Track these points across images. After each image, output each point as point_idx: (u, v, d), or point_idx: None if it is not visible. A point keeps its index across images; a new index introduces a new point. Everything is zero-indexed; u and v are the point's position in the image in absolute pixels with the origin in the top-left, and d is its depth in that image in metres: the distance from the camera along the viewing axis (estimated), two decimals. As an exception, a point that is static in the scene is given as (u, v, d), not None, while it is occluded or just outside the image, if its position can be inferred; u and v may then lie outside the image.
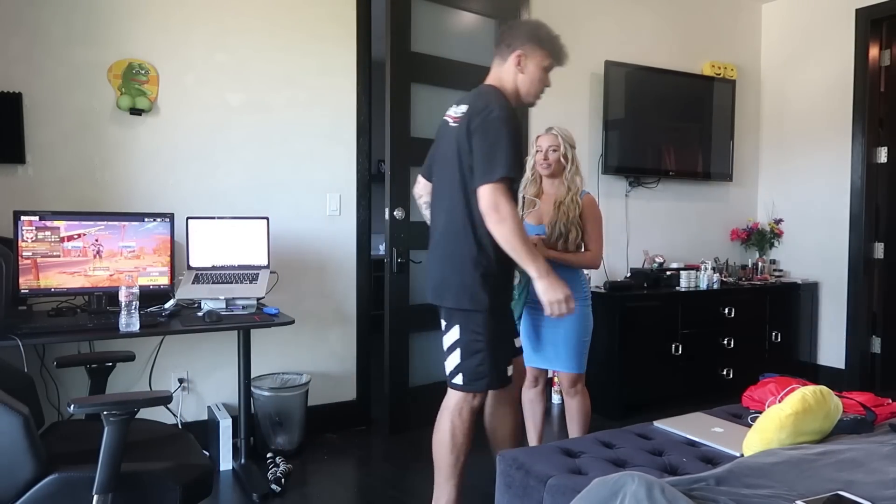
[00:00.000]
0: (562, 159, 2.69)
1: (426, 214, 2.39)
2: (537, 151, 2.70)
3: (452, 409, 2.16)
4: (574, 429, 2.68)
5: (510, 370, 2.21)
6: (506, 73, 2.21)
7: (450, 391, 2.19)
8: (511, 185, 2.04)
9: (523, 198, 2.73)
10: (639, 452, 1.90)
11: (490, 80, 2.24)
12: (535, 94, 2.24)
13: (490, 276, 2.09)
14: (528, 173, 2.77)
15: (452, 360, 2.15)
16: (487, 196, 1.96)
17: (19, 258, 2.49)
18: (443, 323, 2.19)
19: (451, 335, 2.15)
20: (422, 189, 2.40)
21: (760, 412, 1.94)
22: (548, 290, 2.04)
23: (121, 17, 2.88)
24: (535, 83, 2.22)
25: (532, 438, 2.81)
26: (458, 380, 2.14)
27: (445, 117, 2.25)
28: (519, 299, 2.65)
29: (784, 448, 1.73)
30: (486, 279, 2.08)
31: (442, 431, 2.17)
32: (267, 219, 2.94)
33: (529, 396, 2.80)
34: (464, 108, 2.13)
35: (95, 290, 2.63)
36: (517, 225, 1.98)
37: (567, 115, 4.01)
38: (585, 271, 2.76)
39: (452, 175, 2.11)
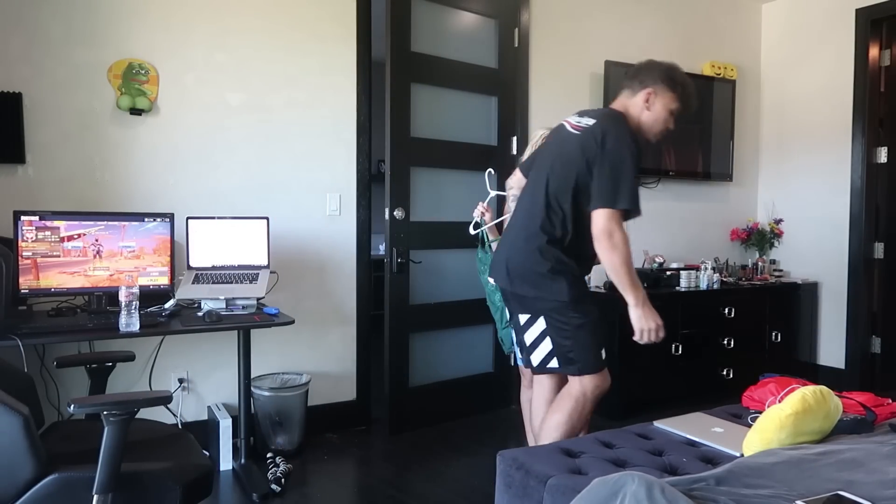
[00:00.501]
0: None
1: (511, 206, 2.51)
2: None
3: (576, 395, 2.26)
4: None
5: (603, 353, 2.29)
6: (633, 106, 2.28)
7: (570, 380, 2.28)
8: (627, 216, 2.14)
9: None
10: (639, 452, 1.90)
11: (617, 106, 2.31)
12: (655, 134, 2.31)
13: (567, 271, 2.21)
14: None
15: (544, 349, 2.26)
16: (604, 221, 2.09)
17: (19, 258, 2.49)
18: (522, 318, 2.30)
19: (537, 327, 2.26)
20: (514, 182, 2.55)
21: (760, 412, 1.94)
22: (641, 319, 2.20)
23: (121, 16, 2.88)
24: (658, 123, 2.29)
25: (531, 439, 2.81)
26: (555, 363, 2.26)
27: (563, 122, 2.34)
28: (501, 323, 2.82)
29: (784, 448, 1.73)
30: (558, 273, 2.19)
31: (557, 416, 2.27)
32: (267, 219, 2.94)
33: (528, 397, 2.80)
34: (589, 121, 2.22)
35: (95, 290, 2.63)
36: (628, 255, 2.11)
37: (567, 115, 4.00)
38: None
39: (550, 174, 2.21)
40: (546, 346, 2.26)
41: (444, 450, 3.24)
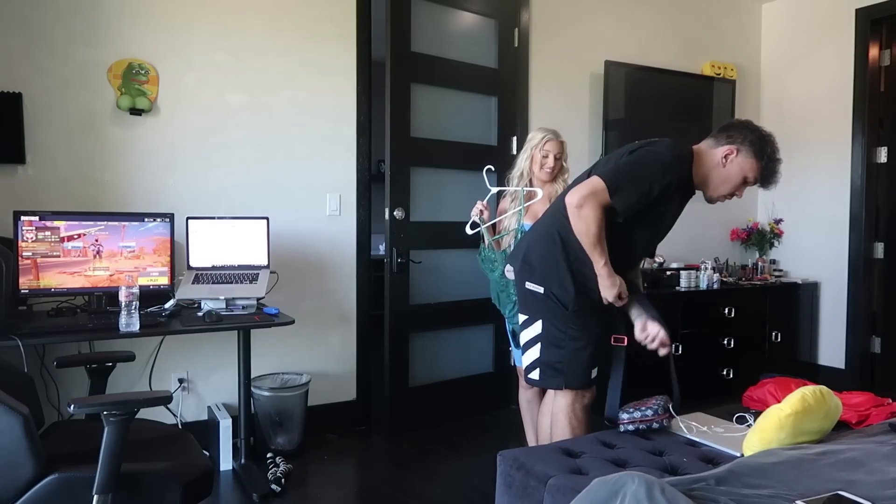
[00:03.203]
0: (564, 164, 2.81)
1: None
2: (544, 156, 2.72)
3: (567, 412, 2.19)
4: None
5: (594, 373, 2.23)
6: (709, 156, 2.14)
7: (555, 396, 2.23)
8: (610, 211, 2.04)
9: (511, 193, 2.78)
10: (639, 452, 1.90)
11: (695, 147, 2.19)
12: (719, 195, 2.19)
13: (582, 276, 2.11)
14: (519, 171, 2.79)
15: (531, 355, 2.19)
16: (586, 190, 2.00)
17: (19, 258, 2.49)
18: (521, 317, 2.24)
19: (533, 329, 2.19)
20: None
21: (760, 412, 1.94)
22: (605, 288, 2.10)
23: (121, 17, 2.88)
24: (727, 185, 2.15)
25: (531, 439, 2.82)
26: (536, 374, 2.19)
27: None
28: (509, 304, 2.74)
29: (784, 448, 1.73)
30: (577, 275, 2.11)
31: (560, 436, 2.18)
32: (267, 219, 2.94)
33: (527, 397, 2.80)
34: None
35: (95, 290, 2.63)
36: (599, 225, 2.01)
37: (567, 115, 4.01)
38: None
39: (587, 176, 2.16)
40: (534, 353, 2.18)
41: (444, 450, 3.24)
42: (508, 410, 3.78)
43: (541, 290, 2.15)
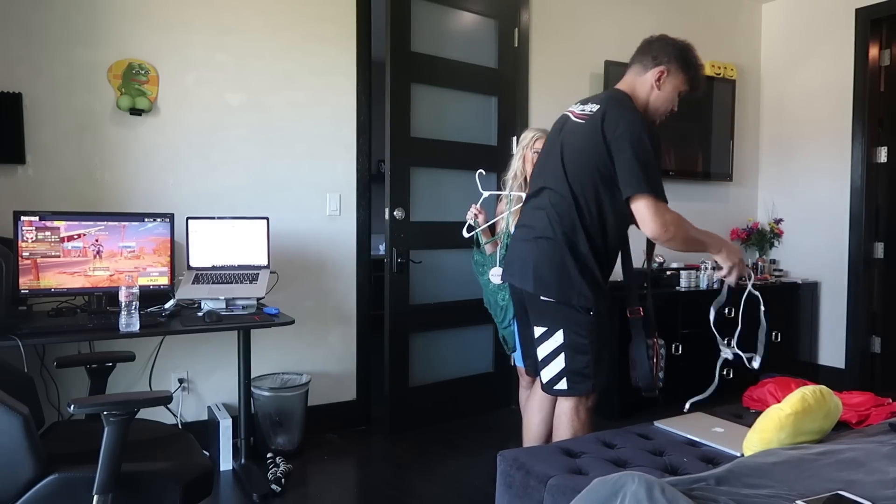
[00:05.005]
0: None
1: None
2: (535, 153, 2.71)
3: (570, 415, 2.16)
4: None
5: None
6: (641, 84, 2.15)
7: (558, 399, 2.20)
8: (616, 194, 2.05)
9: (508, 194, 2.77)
10: (639, 452, 1.90)
11: (623, 86, 2.18)
12: (660, 115, 2.20)
13: (594, 276, 2.09)
14: (513, 172, 2.78)
15: (555, 367, 2.11)
16: (652, 213, 1.98)
17: (19, 258, 2.49)
18: (538, 330, 2.14)
19: (554, 340, 2.10)
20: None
21: (761, 412, 1.94)
22: (726, 259, 2.25)
23: (121, 17, 2.88)
24: (666, 104, 2.18)
25: (527, 440, 2.81)
26: (563, 384, 2.11)
27: (567, 112, 2.24)
28: (507, 305, 2.72)
29: (784, 448, 1.73)
30: (589, 278, 2.08)
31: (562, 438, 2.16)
32: (267, 219, 2.94)
33: (527, 397, 2.80)
34: (594, 107, 2.10)
35: (95, 291, 2.63)
36: (686, 232, 2.06)
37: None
38: None
39: (565, 168, 2.08)
40: (558, 363, 2.11)
41: (444, 450, 3.24)
42: (508, 410, 3.78)
43: (560, 301, 2.08)
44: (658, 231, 1.99)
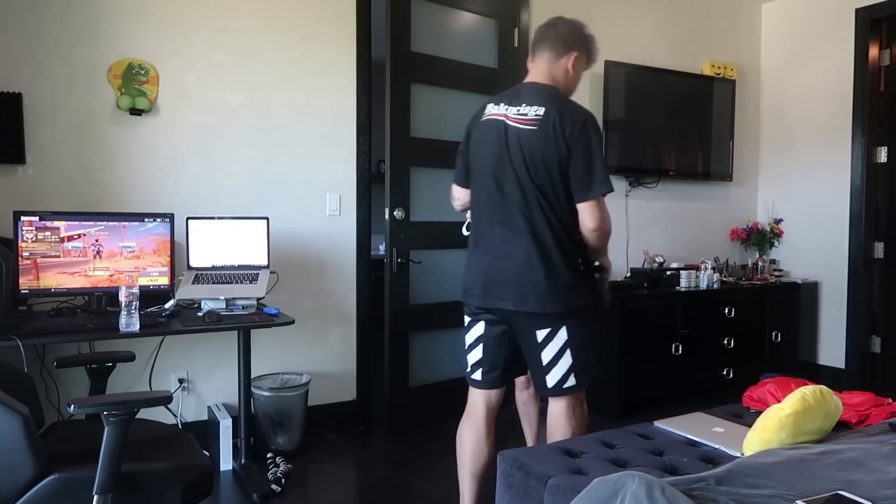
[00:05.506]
0: None
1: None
2: None
3: (567, 415, 2.15)
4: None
5: None
6: (557, 71, 2.19)
7: (552, 401, 2.18)
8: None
9: None
10: (639, 452, 1.90)
11: (543, 78, 2.18)
12: (571, 95, 2.26)
13: (582, 274, 2.15)
14: None
15: (564, 364, 2.11)
16: (598, 211, 2.07)
17: (19, 258, 2.49)
18: (540, 334, 2.10)
19: (559, 339, 2.10)
20: (460, 194, 2.42)
21: (761, 412, 1.94)
22: (609, 264, 2.31)
23: (121, 17, 2.88)
24: (576, 84, 2.26)
25: (529, 439, 2.81)
26: (572, 381, 2.12)
27: (496, 116, 2.17)
28: None
29: (784, 448, 1.73)
30: (579, 275, 2.14)
31: (568, 435, 2.16)
32: (267, 219, 2.94)
33: (522, 398, 2.80)
34: (538, 109, 2.08)
35: (95, 291, 2.63)
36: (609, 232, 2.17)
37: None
38: None
39: (531, 178, 2.06)
40: (566, 361, 2.10)
41: (444, 450, 3.23)
42: (508, 410, 3.76)
43: (561, 307, 2.08)
44: (600, 225, 2.09)
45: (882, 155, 4.27)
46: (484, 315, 2.20)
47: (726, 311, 4.15)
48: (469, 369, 2.27)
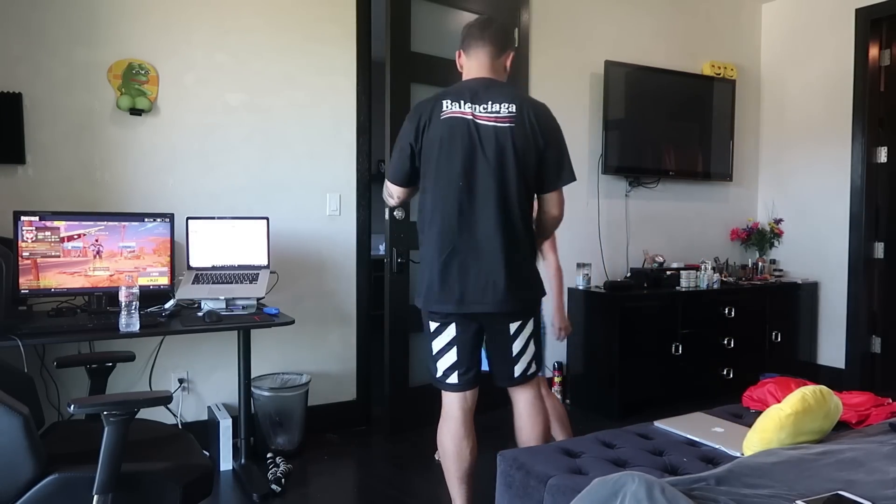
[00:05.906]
0: None
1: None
2: None
3: (540, 394, 2.32)
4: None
5: None
6: (500, 69, 2.25)
7: (519, 389, 2.28)
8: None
9: None
10: (639, 452, 1.90)
11: (489, 74, 2.22)
12: None
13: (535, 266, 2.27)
14: None
15: (529, 354, 2.23)
16: (561, 199, 2.22)
17: (19, 258, 2.49)
18: (512, 326, 2.17)
19: (526, 331, 2.21)
20: (400, 192, 2.27)
21: (761, 412, 1.94)
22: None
23: (121, 17, 2.88)
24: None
25: (558, 434, 2.83)
26: (533, 367, 2.26)
27: (460, 114, 2.08)
28: None
29: (784, 448, 1.73)
30: (537, 269, 2.26)
31: (546, 415, 2.32)
32: (267, 219, 2.94)
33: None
34: (510, 107, 2.08)
35: (95, 291, 2.63)
36: None
37: (567, 115, 3.99)
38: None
39: (508, 174, 2.07)
40: (531, 350, 2.23)
41: (444, 450, 3.23)
42: (508, 410, 3.77)
43: (531, 297, 2.21)
44: (562, 211, 2.24)
45: (882, 155, 4.27)
46: (454, 317, 2.15)
47: (726, 311, 4.15)
48: (441, 375, 2.21)
